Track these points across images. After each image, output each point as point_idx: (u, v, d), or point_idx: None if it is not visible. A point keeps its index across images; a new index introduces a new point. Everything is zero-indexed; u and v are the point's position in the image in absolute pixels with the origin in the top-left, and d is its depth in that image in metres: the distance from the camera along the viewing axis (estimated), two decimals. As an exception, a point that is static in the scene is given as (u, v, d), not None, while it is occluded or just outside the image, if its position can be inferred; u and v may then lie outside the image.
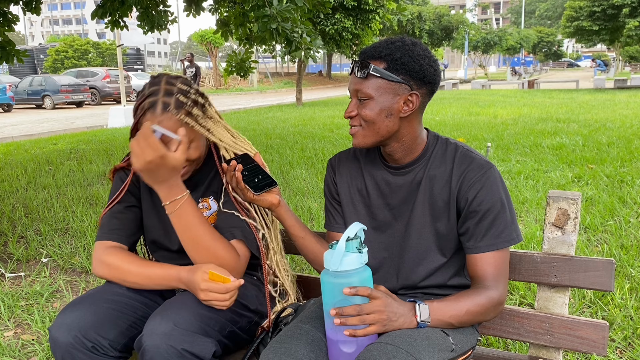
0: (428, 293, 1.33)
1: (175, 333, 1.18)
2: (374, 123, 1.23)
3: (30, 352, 2.36)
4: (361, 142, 1.26)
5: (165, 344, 1.17)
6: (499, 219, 1.21)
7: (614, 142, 6.91)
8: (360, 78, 1.23)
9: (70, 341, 1.24)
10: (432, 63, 1.23)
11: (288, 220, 1.36)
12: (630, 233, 3.46)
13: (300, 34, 4.89)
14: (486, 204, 1.21)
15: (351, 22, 17.12)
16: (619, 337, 2.22)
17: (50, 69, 32.91)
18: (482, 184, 1.22)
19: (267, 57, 25.77)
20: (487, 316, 1.21)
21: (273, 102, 19.90)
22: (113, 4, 5.80)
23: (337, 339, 1.14)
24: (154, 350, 1.17)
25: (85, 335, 1.25)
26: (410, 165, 1.30)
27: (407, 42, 1.23)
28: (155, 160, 1.21)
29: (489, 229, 1.21)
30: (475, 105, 14.11)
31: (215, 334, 1.27)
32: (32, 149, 8.69)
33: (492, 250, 1.22)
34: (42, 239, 3.89)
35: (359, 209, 1.37)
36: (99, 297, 1.34)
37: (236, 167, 1.29)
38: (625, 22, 21.05)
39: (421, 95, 1.23)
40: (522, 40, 39.83)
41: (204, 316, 1.25)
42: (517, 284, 2.73)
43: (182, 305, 1.26)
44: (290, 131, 9.54)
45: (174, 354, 1.17)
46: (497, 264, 1.22)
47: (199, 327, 1.22)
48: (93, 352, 1.26)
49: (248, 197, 1.32)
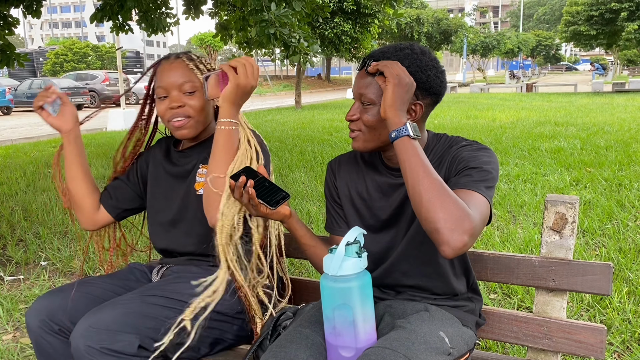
0: (433, 294, 1.33)
1: (91, 333, 1.22)
2: (375, 129, 1.22)
3: (28, 356, 2.36)
4: (361, 147, 1.26)
5: (83, 344, 1.22)
6: (482, 176, 1.16)
7: (612, 146, 6.93)
8: (368, 79, 1.21)
9: (38, 324, 1.33)
10: (439, 74, 1.22)
11: (299, 230, 1.35)
12: (628, 237, 3.47)
13: (297, 38, 4.91)
14: (472, 163, 1.18)
15: (350, 26, 17.15)
16: (617, 340, 2.23)
17: (49, 72, 32.92)
18: (471, 151, 1.22)
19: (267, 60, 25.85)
20: (447, 211, 1.03)
21: (272, 105, 19.91)
22: (112, 7, 5.81)
23: (337, 343, 1.14)
24: (76, 351, 1.23)
25: (52, 319, 1.33)
26: None
27: (416, 51, 1.21)
28: (254, 88, 1.37)
29: (471, 176, 1.17)
30: (473, 108, 14.13)
31: (149, 331, 1.28)
32: (32, 152, 8.69)
33: (470, 190, 1.14)
34: (41, 242, 3.89)
35: (361, 211, 1.37)
36: (76, 286, 1.42)
37: (247, 182, 1.20)
38: (623, 25, 21.11)
39: (425, 105, 1.23)
40: (520, 43, 39.93)
41: (130, 314, 1.28)
42: (515, 288, 2.74)
43: (109, 306, 1.30)
44: (289, 134, 9.54)
45: (94, 353, 1.21)
46: (475, 202, 1.11)
47: (121, 324, 1.25)
48: (60, 334, 1.34)
49: (262, 212, 1.25)
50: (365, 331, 1.14)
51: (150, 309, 1.31)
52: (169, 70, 1.49)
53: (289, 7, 4.81)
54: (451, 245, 1.02)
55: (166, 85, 1.48)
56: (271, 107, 18.42)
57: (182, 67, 1.50)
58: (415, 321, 1.20)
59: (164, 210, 1.60)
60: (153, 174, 1.64)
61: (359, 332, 1.13)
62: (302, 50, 4.96)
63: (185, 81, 1.48)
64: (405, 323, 1.20)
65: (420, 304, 1.31)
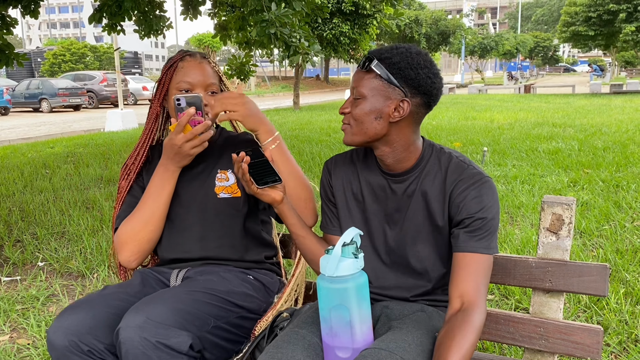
0: (428, 300, 1.33)
1: (149, 326, 1.20)
2: (362, 123, 1.23)
3: (25, 357, 2.35)
4: (349, 140, 1.27)
5: (138, 337, 1.19)
6: (486, 227, 1.20)
7: (610, 147, 6.94)
8: (361, 73, 1.24)
9: (66, 345, 1.26)
10: (431, 75, 1.21)
11: (290, 218, 1.36)
12: (625, 238, 3.47)
13: (298, 38, 4.91)
14: (478, 213, 1.20)
15: (349, 27, 17.15)
16: (614, 341, 2.23)
17: (47, 72, 32.87)
18: (475, 194, 1.21)
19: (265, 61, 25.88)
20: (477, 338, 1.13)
21: (270, 105, 19.91)
22: (110, 8, 5.80)
23: (333, 344, 1.14)
24: (129, 342, 1.19)
25: (81, 339, 1.26)
26: (405, 174, 1.29)
27: (411, 50, 1.22)
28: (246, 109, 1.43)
29: (476, 232, 1.20)
30: (471, 109, 14.15)
31: (195, 329, 1.27)
32: (29, 152, 8.68)
33: (477, 253, 1.19)
34: (39, 243, 3.88)
35: (353, 213, 1.37)
36: (98, 301, 1.35)
37: (244, 158, 1.29)
38: (621, 27, 21.13)
39: (413, 104, 1.22)
40: (518, 45, 40.01)
41: (181, 310, 1.27)
42: (512, 289, 2.74)
43: (158, 300, 1.28)
44: (287, 135, 9.55)
45: (149, 346, 1.18)
46: (481, 269, 1.18)
47: (174, 321, 1.23)
48: (89, 355, 1.27)
49: (252, 190, 1.31)
50: (361, 332, 1.14)
51: (197, 305, 1.31)
52: (197, 69, 1.51)
53: (289, 7, 4.81)
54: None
55: (194, 81, 1.50)
56: (269, 108, 18.42)
57: (210, 68, 1.54)
58: (412, 322, 1.20)
59: (180, 215, 1.55)
60: None
61: (355, 333, 1.13)
62: (302, 50, 4.96)
63: (213, 82, 1.53)
64: (401, 324, 1.20)
65: (417, 304, 1.31)
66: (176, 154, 1.42)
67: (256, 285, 1.51)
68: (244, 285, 1.48)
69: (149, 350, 1.18)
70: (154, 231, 1.50)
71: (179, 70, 1.52)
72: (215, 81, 1.54)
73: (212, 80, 1.53)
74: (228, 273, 1.48)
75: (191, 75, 1.50)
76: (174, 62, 1.54)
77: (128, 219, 1.50)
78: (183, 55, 1.55)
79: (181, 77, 1.51)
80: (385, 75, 1.20)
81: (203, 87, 1.51)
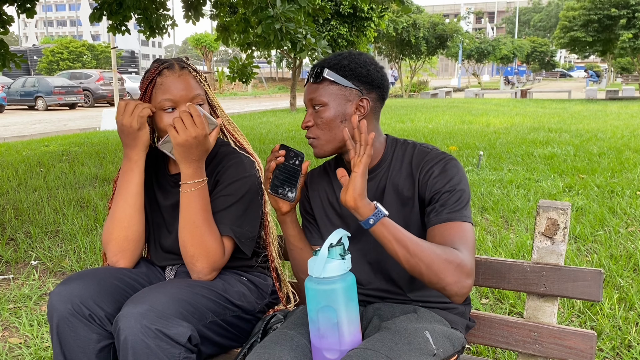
0: (415, 299, 1.33)
1: (150, 314, 1.20)
2: (331, 129, 1.27)
3: (17, 356, 2.34)
4: (321, 151, 1.31)
5: (139, 324, 1.18)
6: (458, 198, 1.22)
7: (605, 153, 6.97)
8: (314, 85, 1.28)
9: (69, 307, 1.27)
10: (378, 69, 1.30)
11: (290, 230, 1.36)
12: (619, 243, 3.48)
13: (304, 34, 4.91)
14: (445, 186, 1.23)
15: (346, 29, 17.18)
16: (607, 347, 2.23)
17: (45, 70, 32.74)
18: (440, 170, 1.25)
19: (262, 62, 25.78)
20: (445, 271, 1.12)
21: (267, 107, 19.91)
22: (111, 6, 5.78)
23: (321, 345, 1.14)
24: (129, 330, 1.19)
25: (83, 303, 1.28)
26: (372, 171, 1.33)
27: (353, 53, 1.31)
28: (198, 137, 1.30)
29: (447, 204, 1.22)
30: (468, 113, 14.19)
31: (195, 322, 1.28)
32: (24, 150, 8.63)
33: (453, 221, 1.20)
34: (32, 242, 3.86)
35: (333, 220, 1.39)
36: (104, 272, 1.38)
37: (279, 155, 1.27)
38: (619, 33, 21.15)
39: (371, 99, 1.29)
40: (515, 49, 40.13)
41: (182, 301, 1.27)
42: (506, 293, 2.74)
43: (160, 290, 1.28)
44: (283, 136, 9.54)
45: (149, 334, 1.18)
46: (461, 234, 1.19)
47: (175, 311, 1.24)
48: (89, 320, 1.28)
49: (264, 187, 1.32)
50: (349, 333, 1.13)
51: (197, 298, 1.32)
52: (178, 82, 1.40)
53: (294, 2, 4.79)
54: (460, 294, 1.13)
55: (176, 97, 1.40)
56: (266, 109, 18.41)
57: (191, 79, 1.43)
58: (401, 322, 1.21)
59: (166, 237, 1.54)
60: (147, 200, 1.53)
61: (343, 334, 1.12)
62: (309, 46, 4.97)
63: (198, 94, 1.43)
64: (390, 324, 1.20)
65: (409, 306, 1.31)
66: (121, 132, 1.39)
67: (250, 287, 1.52)
68: (240, 285, 1.49)
69: (148, 338, 1.18)
70: (129, 228, 1.43)
71: (159, 88, 1.41)
72: (199, 92, 1.44)
73: (196, 91, 1.43)
74: (223, 272, 1.49)
75: (172, 91, 1.39)
76: (152, 78, 1.42)
77: (106, 219, 1.48)
78: (159, 68, 1.42)
79: (162, 94, 1.40)
80: (339, 80, 1.26)
81: (187, 101, 1.40)
